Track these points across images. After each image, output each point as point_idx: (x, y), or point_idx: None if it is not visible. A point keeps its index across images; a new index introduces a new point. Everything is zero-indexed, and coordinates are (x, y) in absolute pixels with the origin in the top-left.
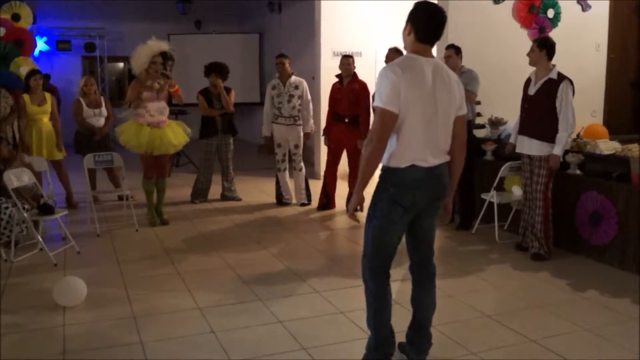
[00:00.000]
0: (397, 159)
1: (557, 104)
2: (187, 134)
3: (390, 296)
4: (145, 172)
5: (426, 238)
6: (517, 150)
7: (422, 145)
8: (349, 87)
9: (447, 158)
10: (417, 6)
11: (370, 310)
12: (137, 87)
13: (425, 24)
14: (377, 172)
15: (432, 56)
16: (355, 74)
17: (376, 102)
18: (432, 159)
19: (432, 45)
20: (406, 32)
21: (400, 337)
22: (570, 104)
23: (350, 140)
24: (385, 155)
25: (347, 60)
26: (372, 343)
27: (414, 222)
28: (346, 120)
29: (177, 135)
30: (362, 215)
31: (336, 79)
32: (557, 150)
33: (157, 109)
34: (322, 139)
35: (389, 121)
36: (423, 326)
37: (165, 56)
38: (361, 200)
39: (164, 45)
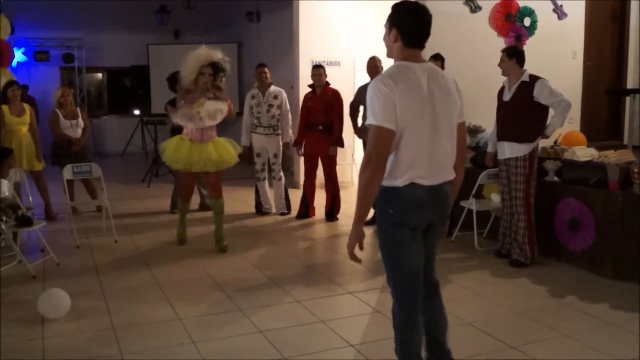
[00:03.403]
0: (395, 177)
1: (544, 101)
2: (237, 151)
3: (421, 328)
4: (181, 192)
5: (429, 256)
6: (498, 157)
7: (422, 161)
8: (322, 95)
9: (451, 175)
10: (397, 8)
11: (398, 342)
12: (182, 95)
13: (412, 26)
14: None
15: (423, 61)
16: (327, 83)
17: (369, 120)
18: (434, 176)
19: (421, 49)
20: (391, 39)
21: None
22: (555, 92)
23: (324, 148)
24: None
25: (317, 71)
26: None
27: None
28: (320, 128)
29: (220, 152)
30: (363, 254)
31: (309, 89)
32: (548, 130)
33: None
34: (295, 149)
35: (386, 140)
36: (440, 344)
37: (215, 67)
38: (361, 236)
39: (215, 55)
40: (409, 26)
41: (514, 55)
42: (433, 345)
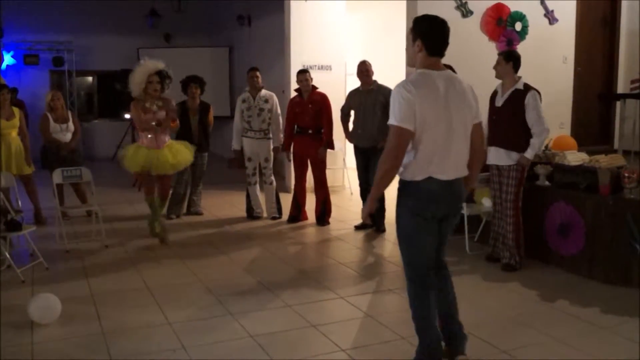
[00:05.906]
0: (414, 172)
1: (527, 113)
2: (191, 153)
3: (431, 302)
4: (144, 191)
5: (442, 242)
6: (488, 162)
7: (440, 159)
8: (310, 99)
9: (465, 172)
10: (420, 21)
11: (414, 315)
12: (136, 110)
13: (434, 37)
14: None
15: (443, 68)
16: (313, 87)
17: (391, 120)
18: (450, 172)
19: (442, 57)
20: (416, 49)
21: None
22: (540, 111)
23: (313, 151)
24: (401, 169)
25: (304, 76)
26: (420, 349)
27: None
28: (310, 132)
29: (175, 154)
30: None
31: (295, 94)
32: (529, 153)
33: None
34: (284, 154)
35: (405, 138)
36: (453, 316)
37: (161, 75)
38: (372, 208)
39: (159, 64)
40: (432, 36)
41: (511, 59)
42: (447, 319)
